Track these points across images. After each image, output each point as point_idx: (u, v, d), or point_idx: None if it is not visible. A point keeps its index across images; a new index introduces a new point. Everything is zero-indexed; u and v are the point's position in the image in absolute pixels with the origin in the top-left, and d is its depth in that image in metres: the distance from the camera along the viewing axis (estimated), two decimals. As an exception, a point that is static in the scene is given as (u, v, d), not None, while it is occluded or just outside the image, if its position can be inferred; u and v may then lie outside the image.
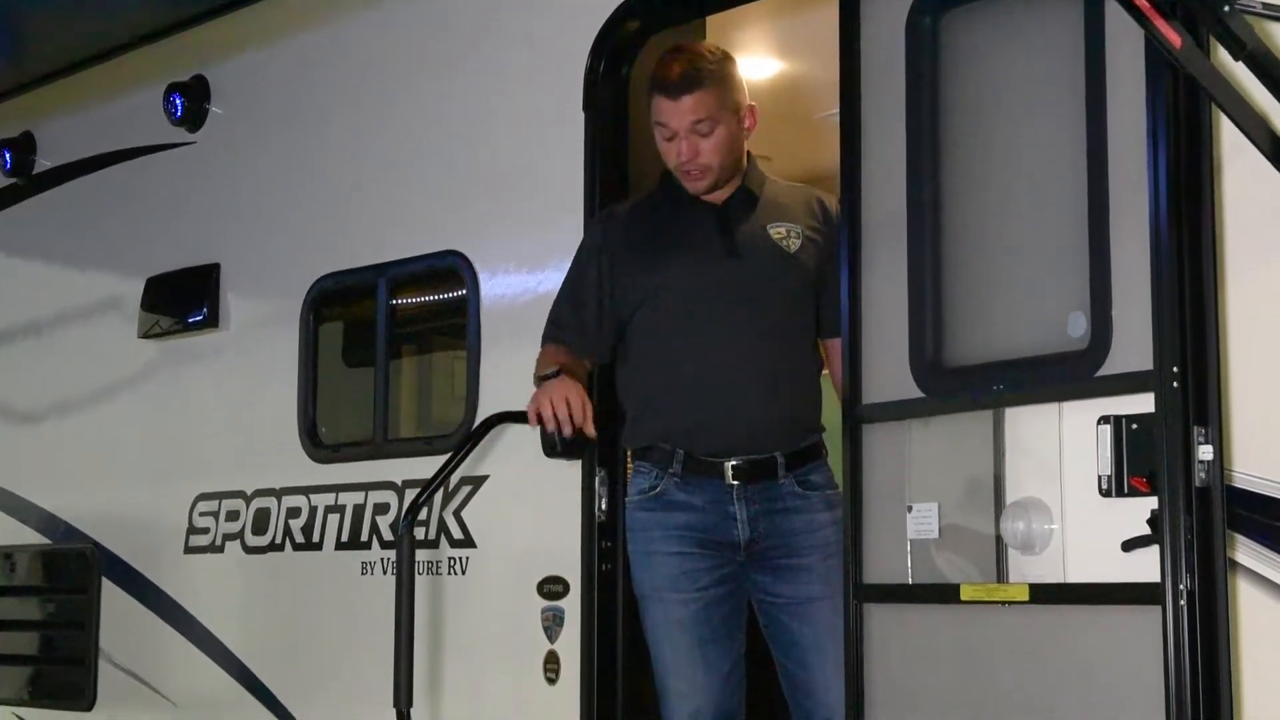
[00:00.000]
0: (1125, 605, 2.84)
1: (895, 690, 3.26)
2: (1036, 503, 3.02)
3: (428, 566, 4.33)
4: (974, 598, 3.11)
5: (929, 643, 3.22)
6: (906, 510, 3.25)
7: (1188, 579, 2.73)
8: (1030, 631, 3.02)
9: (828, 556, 3.71)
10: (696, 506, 3.76)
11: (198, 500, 5.08)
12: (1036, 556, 3.02)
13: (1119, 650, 2.86)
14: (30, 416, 5.83)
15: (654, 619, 3.81)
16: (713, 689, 3.77)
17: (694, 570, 3.76)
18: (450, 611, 4.31)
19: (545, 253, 4.27)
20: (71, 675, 5.42)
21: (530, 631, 4.08)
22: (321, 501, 4.70)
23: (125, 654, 5.25)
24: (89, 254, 5.71)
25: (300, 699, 4.68)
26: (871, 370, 3.37)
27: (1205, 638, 2.72)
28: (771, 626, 3.80)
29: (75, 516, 5.54)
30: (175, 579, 5.13)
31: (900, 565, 3.26)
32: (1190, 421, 2.76)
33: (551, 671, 4.03)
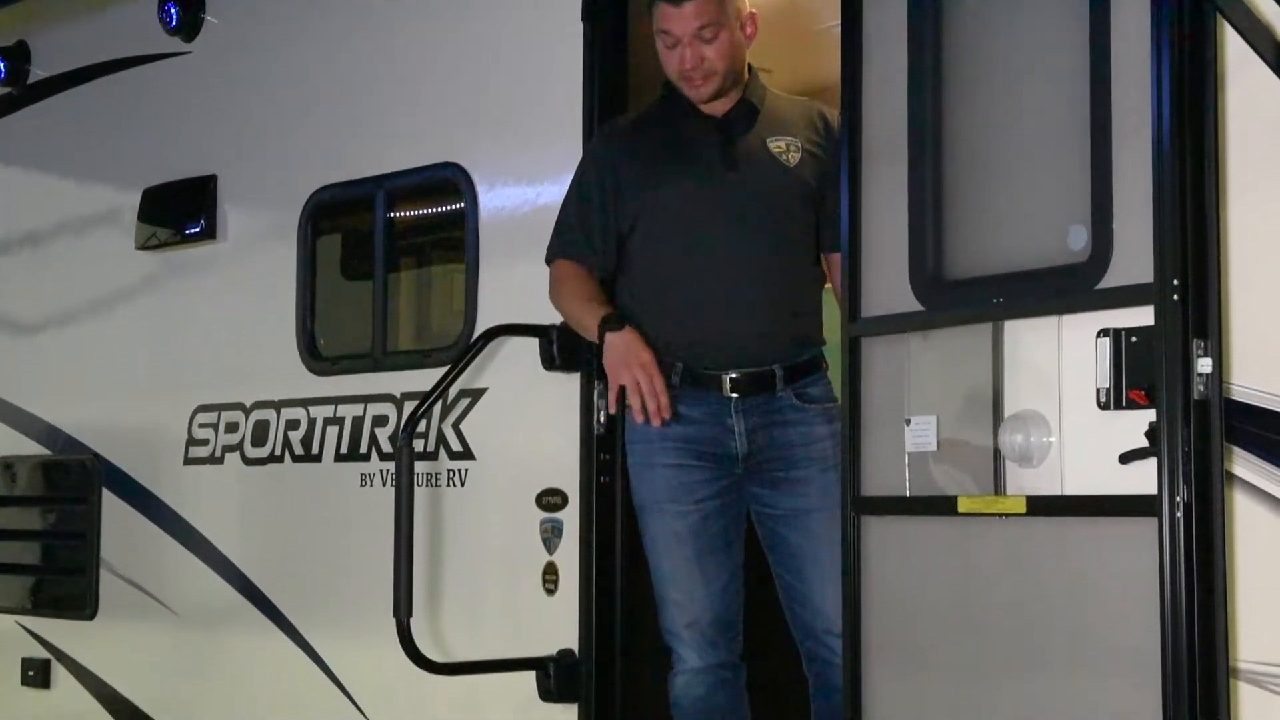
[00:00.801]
0: (1122, 517, 2.85)
1: (892, 601, 3.28)
2: (1035, 416, 3.02)
3: (427, 478, 4.34)
4: (971, 510, 3.12)
5: (926, 555, 3.24)
6: (905, 423, 3.26)
7: (1185, 491, 2.75)
8: (1027, 543, 3.04)
9: (825, 469, 3.73)
10: (695, 419, 3.78)
11: (197, 412, 5.09)
12: (1034, 469, 3.03)
13: (1115, 562, 2.88)
14: (29, 328, 5.83)
15: (652, 531, 3.84)
16: (711, 600, 3.80)
17: (692, 482, 3.79)
18: (449, 523, 4.33)
19: (544, 165, 4.25)
20: (73, 585, 5.46)
21: (529, 543, 4.10)
22: (320, 414, 4.71)
23: (126, 564, 5.28)
24: (85, 165, 5.68)
25: (301, 609, 4.72)
26: (871, 284, 3.37)
27: (1201, 550, 2.74)
28: (769, 538, 3.83)
29: (75, 427, 5.55)
30: (175, 490, 5.15)
31: (898, 478, 3.27)
32: (1190, 334, 2.76)
33: (550, 582, 4.06)
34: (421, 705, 4.32)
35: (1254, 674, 2.76)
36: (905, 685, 3.25)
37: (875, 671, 3.29)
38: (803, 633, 3.78)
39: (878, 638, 3.29)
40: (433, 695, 4.24)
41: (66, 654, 5.48)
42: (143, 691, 5.20)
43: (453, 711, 4.26)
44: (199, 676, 5.04)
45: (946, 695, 3.17)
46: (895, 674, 3.27)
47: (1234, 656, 2.76)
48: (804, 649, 3.79)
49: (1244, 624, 2.77)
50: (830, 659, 3.62)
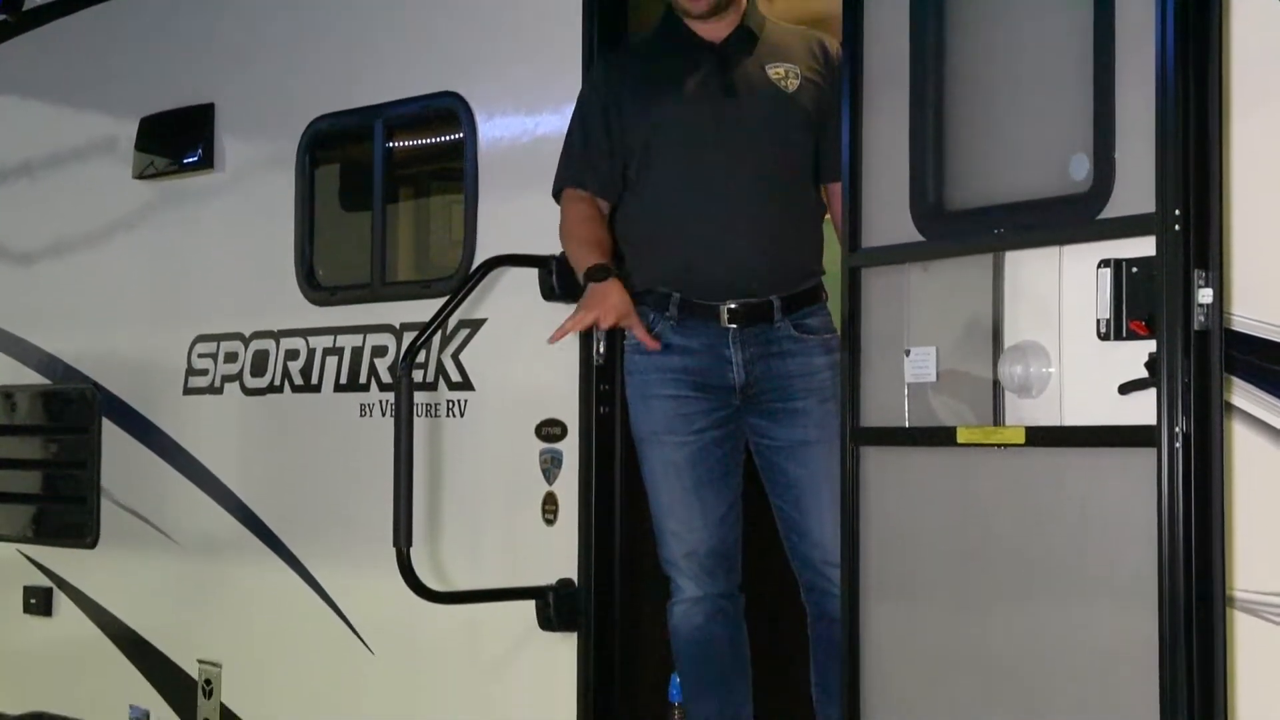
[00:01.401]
0: (1121, 448, 2.85)
1: (890, 532, 3.29)
2: (1034, 346, 3.02)
3: (426, 409, 4.35)
4: (970, 440, 3.13)
5: (925, 485, 3.24)
6: (904, 354, 3.25)
7: (1184, 422, 2.75)
8: (1026, 474, 3.04)
9: (824, 400, 3.73)
10: (693, 350, 3.78)
11: (196, 342, 5.09)
12: (1033, 400, 3.03)
13: (1114, 492, 2.89)
14: (28, 257, 5.82)
15: (651, 461, 3.85)
16: (709, 530, 3.82)
17: (690, 413, 3.79)
18: (449, 453, 4.34)
19: (544, 95, 4.23)
20: (74, 513, 5.48)
21: (528, 473, 4.11)
22: (320, 344, 4.71)
23: (127, 493, 5.30)
24: (82, 93, 5.65)
25: (301, 538, 4.73)
26: (871, 214, 3.36)
27: (1199, 480, 2.74)
28: (767, 469, 3.84)
29: (74, 357, 5.56)
30: (175, 420, 5.16)
31: (897, 409, 3.27)
32: (1191, 265, 2.75)
33: (550, 513, 4.07)
34: (421, 634, 4.35)
35: (1250, 603, 2.77)
36: (903, 615, 3.27)
37: (873, 601, 3.30)
38: (800, 563, 3.79)
39: (876, 568, 3.31)
40: (433, 624, 4.26)
41: (68, 582, 5.51)
42: (144, 619, 5.23)
43: (453, 640, 4.28)
44: (200, 604, 5.07)
45: (945, 625, 3.18)
46: (893, 604, 3.28)
47: (1230, 586, 2.77)
48: (802, 579, 3.81)
49: (1241, 553, 2.78)
50: (828, 589, 3.64)
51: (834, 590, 3.52)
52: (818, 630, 3.79)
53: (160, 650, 5.13)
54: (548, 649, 4.03)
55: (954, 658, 3.16)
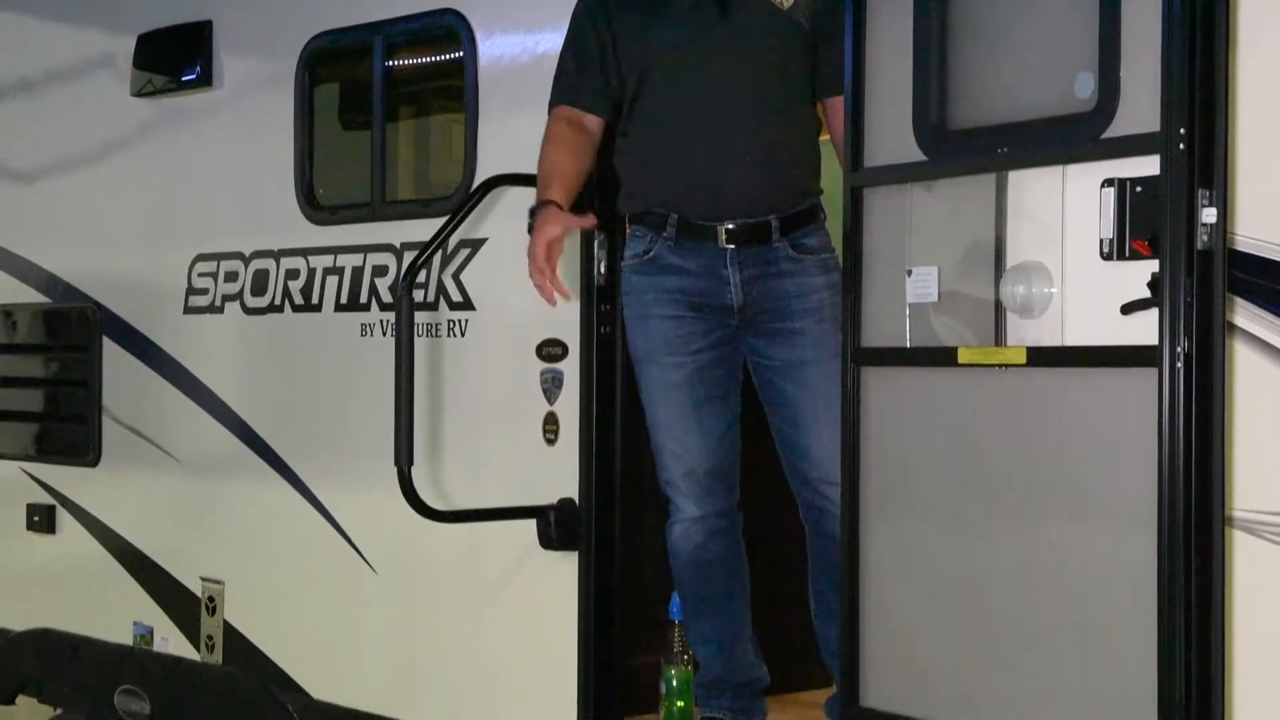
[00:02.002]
0: (1122, 368, 2.85)
1: (890, 453, 3.30)
2: (1037, 266, 3.01)
3: (427, 329, 4.34)
4: (971, 361, 3.12)
5: (925, 406, 3.24)
6: (906, 274, 3.24)
7: (1185, 342, 2.74)
8: (1026, 394, 3.04)
9: (821, 320, 3.73)
10: (690, 270, 3.77)
11: (196, 261, 5.08)
12: (1035, 320, 3.02)
13: (1114, 413, 2.89)
14: (27, 175, 5.79)
15: (649, 382, 3.86)
16: (706, 449, 3.83)
17: (688, 334, 3.80)
18: (449, 373, 4.34)
19: (544, 13, 4.19)
20: (76, 432, 5.49)
21: (529, 393, 4.11)
22: (320, 263, 4.70)
23: (128, 412, 5.31)
24: (79, 9, 5.60)
25: (303, 457, 4.75)
26: (873, 133, 3.33)
27: (1200, 400, 2.75)
28: (765, 390, 3.84)
29: (74, 276, 5.55)
30: (175, 339, 5.15)
31: (898, 329, 3.27)
32: (1195, 184, 2.74)
33: (550, 432, 4.08)
34: (423, 552, 4.37)
35: (1248, 522, 2.78)
36: (903, 534, 3.28)
37: (873, 521, 3.32)
38: (799, 482, 3.81)
39: (876, 488, 3.31)
40: (434, 543, 4.28)
41: (71, 500, 5.53)
42: (147, 537, 5.26)
43: (454, 559, 4.31)
44: (202, 523, 5.09)
45: (944, 544, 3.20)
46: (893, 523, 3.30)
47: (1229, 505, 2.78)
48: (800, 498, 3.82)
49: (1240, 473, 2.79)
50: (826, 507, 3.65)
51: (832, 509, 3.54)
52: (816, 549, 3.81)
53: (163, 568, 5.16)
54: (548, 568, 4.05)
55: (953, 577, 3.17)
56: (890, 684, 3.28)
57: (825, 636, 3.80)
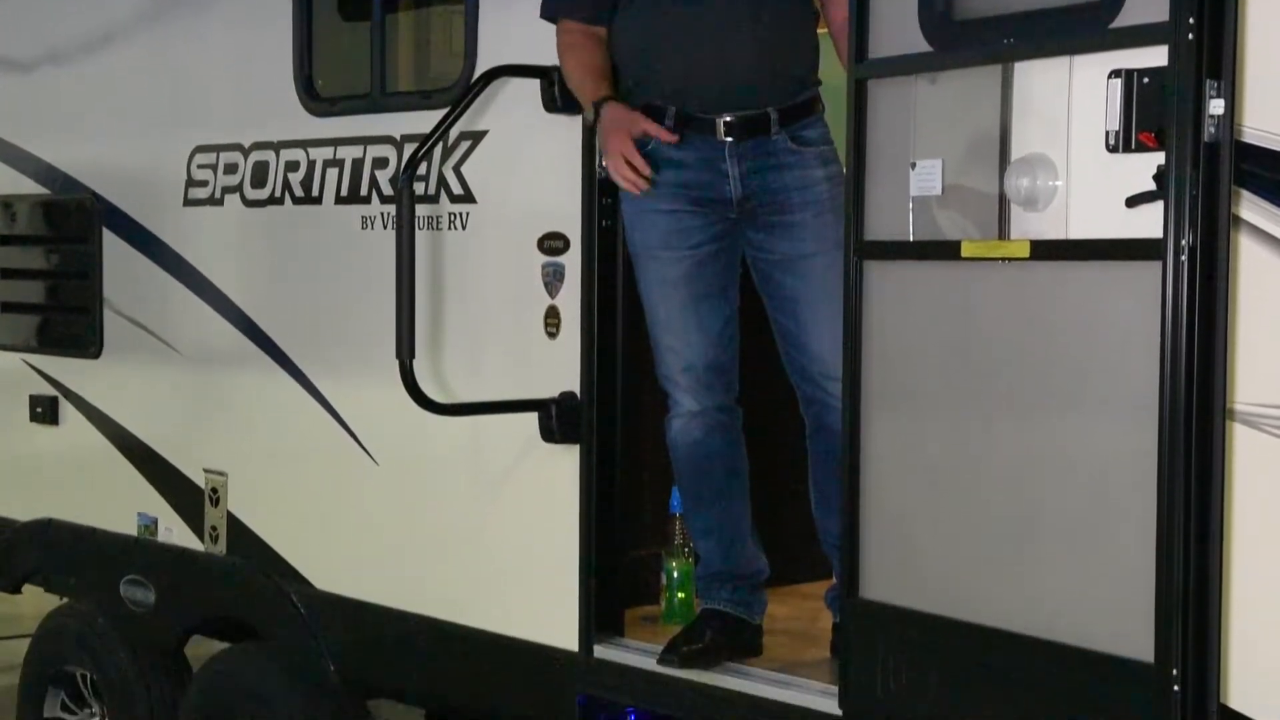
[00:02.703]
0: (1126, 261, 2.84)
1: (892, 347, 3.30)
2: (1042, 159, 2.99)
3: (427, 222, 4.32)
4: (974, 254, 3.11)
5: (927, 300, 3.24)
6: (910, 167, 3.22)
7: (1190, 235, 2.73)
8: (1029, 288, 3.04)
9: (821, 213, 3.72)
10: (689, 164, 3.76)
11: (195, 152, 5.04)
12: (1039, 213, 3.01)
13: (1118, 306, 2.88)
14: (24, 65, 5.74)
15: (648, 277, 3.85)
16: (706, 345, 3.84)
17: (687, 228, 3.79)
18: (450, 266, 4.33)
19: (545, -100, 4.12)
20: (77, 324, 5.48)
21: (530, 287, 4.10)
22: (320, 155, 4.67)
23: (130, 304, 5.30)
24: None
25: (305, 350, 4.74)
26: (878, 25, 3.30)
27: (1204, 293, 2.74)
28: (765, 283, 3.84)
29: (73, 167, 5.51)
30: (176, 231, 5.13)
31: (901, 222, 3.25)
32: (1203, 75, 2.71)
33: (552, 326, 4.07)
34: (425, 446, 4.38)
35: (1249, 415, 2.78)
36: (904, 428, 3.29)
37: (874, 415, 3.32)
38: (799, 376, 3.81)
39: (877, 382, 3.32)
40: (436, 436, 4.29)
41: (73, 391, 5.54)
42: (150, 429, 5.27)
43: (456, 451, 4.32)
44: (205, 415, 5.10)
45: (945, 438, 3.21)
46: (894, 417, 3.30)
47: (1230, 398, 2.78)
48: (801, 392, 3.83)
49: (1242, 366, 2.79)
50: (827, 401, 3.66)
51: (832, 403, 3.54)
52: (816, 443, 3.83)
53: (166, 459, 5.18)
54: (550, 461, 4.06)
55: (953, 471, 3.18)
56: (889, 576, 3.31)
57: (825, 529, 3.83)
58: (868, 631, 3.32)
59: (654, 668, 3.83)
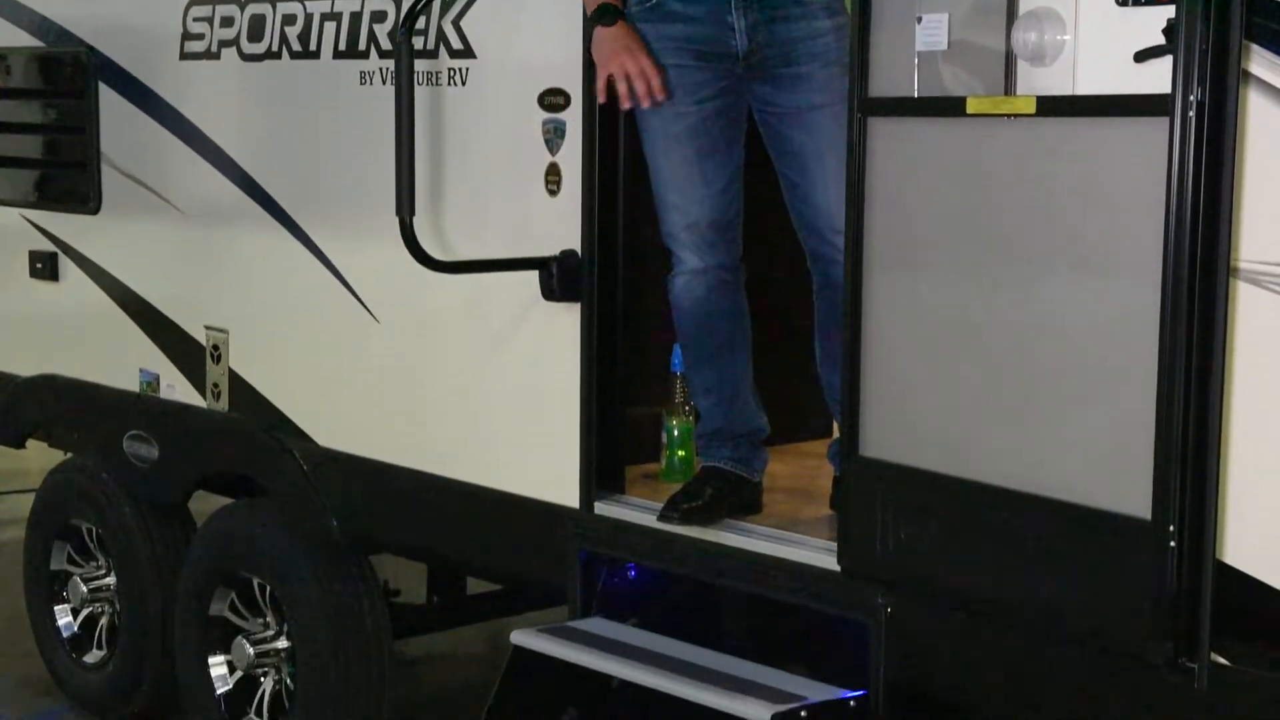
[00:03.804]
0: (1133, 117, 2.81)
1: (896, 204, 3.27)
2: (1050, 12, 2.94)
3: (427, 77, 4.27)
4: (980, 111, 3.08)
5: (932, 157, 3.21)
6: (915, 22, 3.18)
7: (1199, 90, 2.69)
8: (1035, 145, 3.01)
9: (827, 64, 3.68)
10: (694, 17, 3.71)
11: (191, 5, 4.97)
12: (1046, 68, 2.97)
13: (1124, 163, 2.86)
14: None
15: (651, 133, 3.82)
16: (710, 201, 3.82)
17: (691, 83, 3.75)
18: (450, 123, 4.29)
19: None
20: (75, 179, 5.45)
21: (531, 143, 4.06)
22: (317, 9, 4.60)
23: (128, 160, 5.26)
24: None
25: (305, 207, 4.72)
26: (886, -124, 3.23)
27: (1211, 149, 2.71)
28: (772, 137, 3.80)
29: (68, 19, 5.44)
30: (173, 85, 5.07)
31: (906, 78, 3.21)
32: (1215, -75, 2.66)
33: (553, 184, 4.04)
34: (426, 303, 4.38)
35: (1253, 273, 2.77)
36: (907, 285, 3.28)
37: (877, 272, 3.31)
38: (807, 231, 3.80)
39: (880, 240, 3.30)
40: (437, 294, 4.29)
41: (73, 247, 5.52)
42: (150, 285, 5.26)
43: (457, 309, 4.32)
44: (205, 272, 5.09)
45: (948, 295, 3.20)
46: (896, 275, 3.29)
47: (1234, 256, 2.77)
48: (808, 248, 3.82)
49: (1247, 224, 2.77)
50: (834, 256, 3.64)
51: (839, 257, 3.52)
52: (823, 299, 3.82)
53: (167, 316, 5.17)
54: (551, 319, 4.06)
55: (956, 329, 3.18)
56: (890, 435, 3.32)
57: (831, 385, 3.83)
58: (867, 489, 3.34)
59: (654, 524, 3.86)
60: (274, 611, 4.92)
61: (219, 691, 5.01)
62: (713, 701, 3.51)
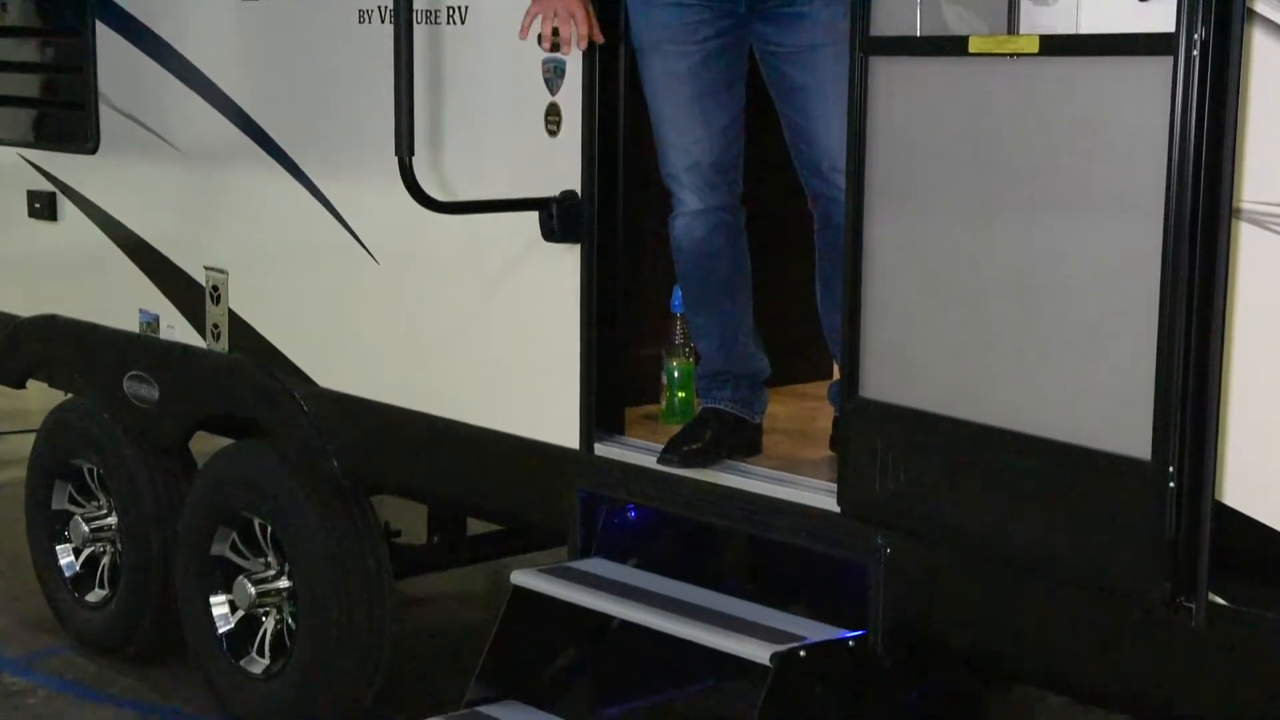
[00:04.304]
0: (1136, 57, 2.79)
1: (897, 144, 3.26)
2: (1054, -50, 2.93)
3: (426, 15, 4.24)
4: (982, 50, 3.06)
5: (934, 97, 3.19)
6: (918, -40, 3.16)
7: (1202, 29, 2.67)
8: (1037, 85, 2.99)
9: (830, 3, 3.65)
10: (696, -45, 3.68)
11: (187, -59, 4.95)
12: (1049, 7, 2.95)
13: (1127, 103, 2.84)
14: None
15: (652, 72, 3.80)
16: (711, 142, 3.80)
17: (693, 22, 3.73)
18: (449, 62, 4.26)
19: None
20: (73, 119, 5.42)
21: (531, 83, 4.04)
22: (315, -56, 4.58)
23: (125, 99, 5.23)
24: None
25: (303, 147, 4.70)
26: None
27: (1215, 89, 2.70)
28: (774, 77, 3.78)
29: (64, -43, 5.42)
30: (170, 24, 5.04)
31: (909, 17, 3.19)
32: None
33: (553, 123, 4.02)
34: (425, 244, 4.37)
35: (1256, 214, 2.76)
36: (907, 226, 3.27)
37: (878, 213, 3.30)
38: (808, 171, 3.78)
39: (881, 180, 3.29)
40: (437, 235, 4.27)
41: (71, 187, 5.50)
42: (149, 225, 5.24)
43: (456, 250, 4.30)
44: (204, 212, 5.07)
45: (949, 235, 3.19)
46: (898, 215, 3.28)
47: (1237, 197, 2.75)
48: (809, 188, 3.80)
49: (1250, 164, 2.76)
50: (835, 195, 3.63)
51: (840, 197, 3.51)
52: (824, 239, 3.81)
53: (167, 256, 5.16)
54: (551, 260, 4.05)
55: (957, 269, 3.17)
56: (890, 376, 3.32)
57: (831, 325, 3.83)
58: (867, 430, 3.34)
59: (654, 466, 3.86)
60: (275, 552, 4.94)
61: (221, 631, 5.04)
62: (712, 641, 3.53)
